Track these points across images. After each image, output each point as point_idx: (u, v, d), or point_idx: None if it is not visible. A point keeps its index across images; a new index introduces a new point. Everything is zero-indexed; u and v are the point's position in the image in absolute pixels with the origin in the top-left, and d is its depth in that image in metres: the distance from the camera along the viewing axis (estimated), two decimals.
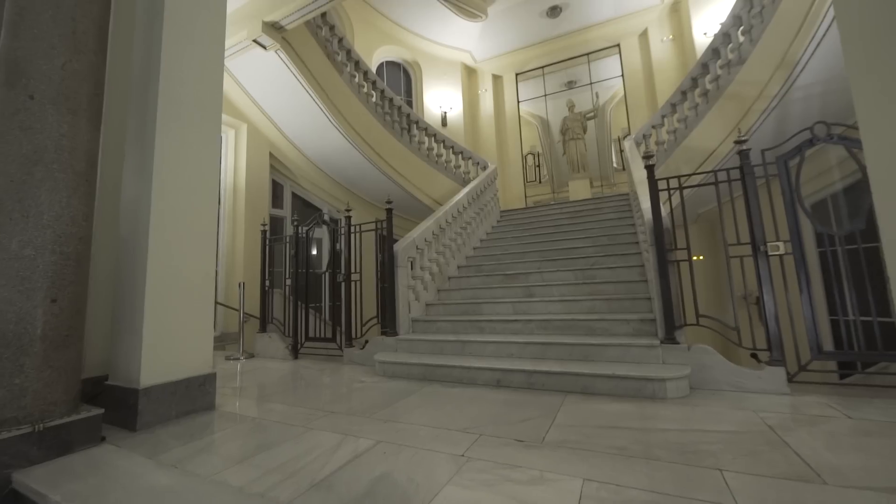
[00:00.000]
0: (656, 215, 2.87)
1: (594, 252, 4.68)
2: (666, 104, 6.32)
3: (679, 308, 2.83)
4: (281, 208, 7.40)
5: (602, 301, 3.56)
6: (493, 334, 3.53)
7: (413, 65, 9.59)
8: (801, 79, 4.65)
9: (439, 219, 4.84)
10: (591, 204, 6.55)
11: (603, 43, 9.22)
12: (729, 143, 5.46)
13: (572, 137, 9.05)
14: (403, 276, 3.98)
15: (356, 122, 6.42)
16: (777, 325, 2.51)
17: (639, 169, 4.66)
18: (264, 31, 5.04)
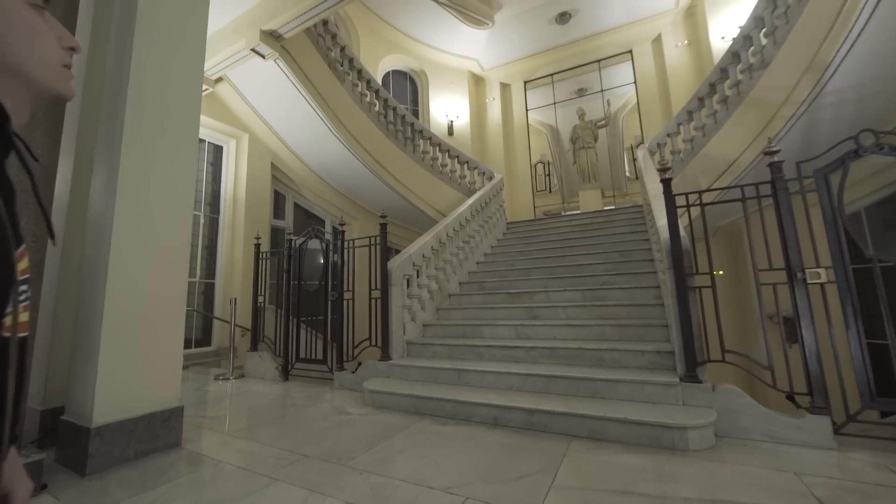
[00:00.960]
0: (674, 235, 2.54)
1: (605, 270, 4.33)
2: (682, 111, 5.96)
3: (701, 341, 2.48)
4: (283, 219, 7.23)
5: (613, 327, 3.21)
6: (493, 362, 3.21)
7: (419, 73, 9.41)
8: (833, 83, 4.26)
9: (439, 233, 4.55)
10: (602, 216, 6.19)
11: (614, 49, 8.89)
12: (752, 153, 5.08)
13: (583, 146, 8.71)
14: (398, 296, 3.69)
15: (358, 131, 6.22)
16: (819, 365, 2.14)
17: (653, 181, 4.31)
18: (262, 39, 4.88)
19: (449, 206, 6.95)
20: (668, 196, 2.59)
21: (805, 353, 2.17)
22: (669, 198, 2.59)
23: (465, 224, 5.30)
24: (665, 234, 2.67)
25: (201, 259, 5.89)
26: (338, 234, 3.95)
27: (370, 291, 3.74)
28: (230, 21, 5.17)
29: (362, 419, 2.77)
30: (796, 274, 2.24)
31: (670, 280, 2.57)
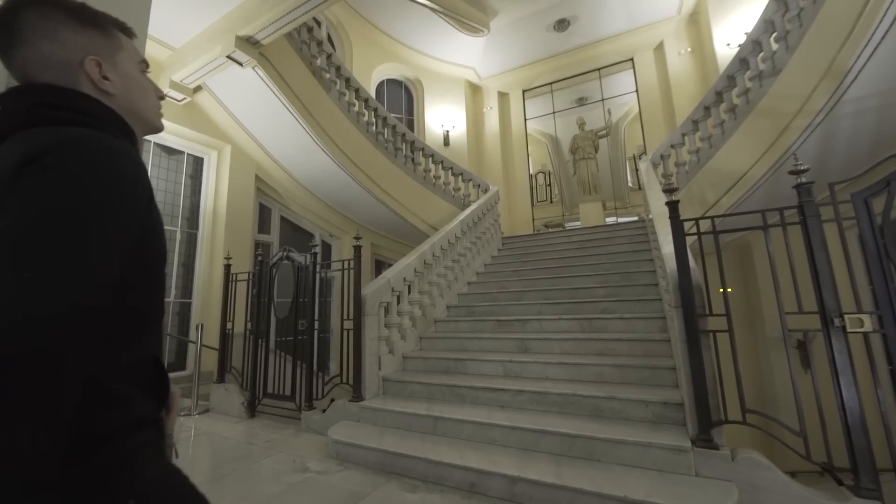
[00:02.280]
0: (683, 269, 2.14)
1: (604, 295, 3.92)
2: (686, 121, 5.58)
3: (717, 396, 2.07)
4: (268, 233, 6.88)
5: (613, 367, 2.80)
6: (476, 407, 2.80)
7: (415, 82, 9.11)
8: (853, 90, 3.88)
9: (424, 254, 4.17)
10: (603, 232, 5.79)
11: (615, 57, 8.56)
12: (763, 166, 4.68)
13: (583, 157, 8.34)
14: (373, 327, 3.30)
15: (344, 142, 5.89)
16: (866, 435, 1.73)
17: (657, 198, 3.92)
18: (238, 46, 4.57)
19: (442, 219, 6.58)
20: (676, 223, 2.20)
21: (847, 419, 1.76)
22: (677, 224, 2.20)
23: (454, 242, 4.92)
24: (672, 266, 2.27)
25: (177, 277, 5.54)
26: (310, 258, 3.58)
27: (342, 322, 3.36)
28: (206, 28, 4.87)
29: (320, 480, 2.37)
30: (833, 320, 1.83)
31: (679, 321, 2.17)
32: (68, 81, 0.62)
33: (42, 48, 0.60)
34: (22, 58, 0.61)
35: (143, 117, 0.71)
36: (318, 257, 3.59)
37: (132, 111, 0.68)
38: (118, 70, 0.67)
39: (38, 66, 0.61)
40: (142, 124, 0.72)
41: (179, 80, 5.25)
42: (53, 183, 0.49)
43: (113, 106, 0.65)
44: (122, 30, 0.71)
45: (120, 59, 0.68)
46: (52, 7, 0.62)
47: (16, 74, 0.63)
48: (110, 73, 0.66)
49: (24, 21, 0.60)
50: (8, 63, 0.62)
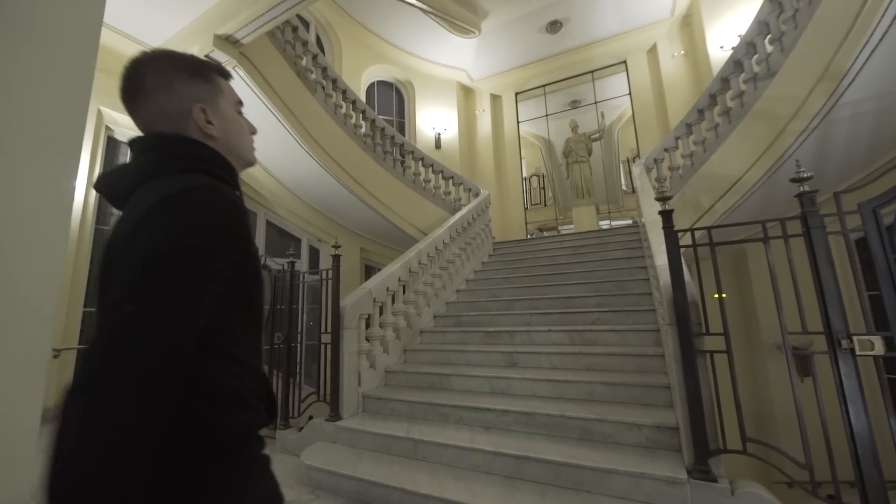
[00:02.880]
0: (677, 283, 1.98)
1: (596, 304, 3.76)
2: (680, 124, 5.46)
3: (715, 422, 1.90)
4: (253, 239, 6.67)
5: (604, 385, 2.63)
6: (458, 428, 2.62)
7: (406, 84, 8.95)
8: (850, 93, 3.75)
9: (409, 261, 4.00)
10: (596, 237, 5.64)
11: (608, 60, 8.45)
12: (758, 170, 4.55)
13: (576, 160, 8.21)
14: (352, 341, 3.12)
15: (331, 146, 5.70)
16: (878, 471, 1.57)
17: (650, 204, 3.77)
18: (216, 45, 4.38)
19: (432, 224, 6.40)
20: (669, 233, 2.04)
21: (857, 452, 1.60)
22: (671, 235, 2.04)
23: (442, 248, 4.75)
24: (666, 279, 2.11)
25: None
26: (287, 266, 3.39)
27: (319, 335, 3.17)
28: (183, 27, 4.68)
29: None
30: (840, 342, 1.68)
31: (673, 339, 2.00)
32: (180, 128, 0.70)
33: (160, 101, 0.68)
34: (144, 112, 0.69)
35: (240, 155, 0.78)
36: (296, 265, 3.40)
37: (231, 150, 0.75)
38: (219, 113, 0.74)
39: (157, 118, 0.69)
40: (239, 161, 0.79)
41: None
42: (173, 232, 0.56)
43: (216, 147, 0.72)
44: (221, 73, 0.78)
45: (220, 103, 0.75)
46: (167, 63, 0.70)
47: (140, 126, 0.71)
48: (213, 118, 0.73)
49: (146, 79, 0.68)
50: (133, 115, 0.71)
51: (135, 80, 0.69)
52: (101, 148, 4.86)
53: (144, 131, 0.71)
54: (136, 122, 0.72)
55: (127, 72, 0.70)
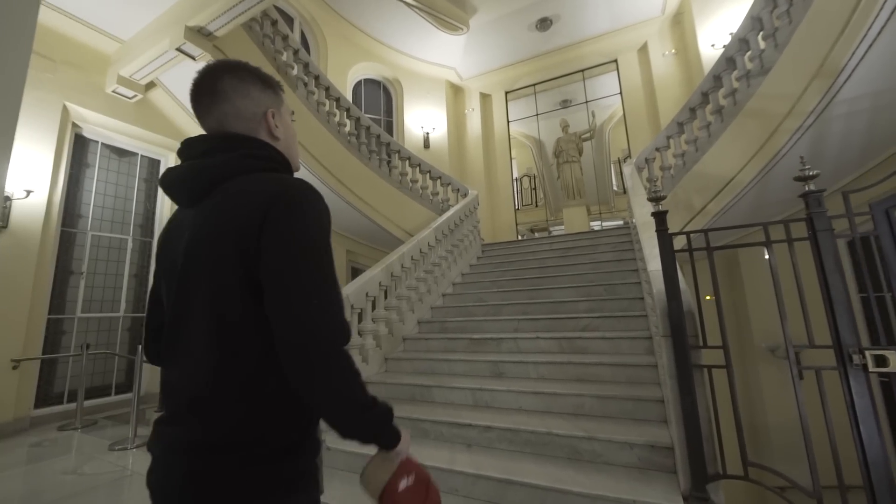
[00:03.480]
0: (672, 292, 1.81)
1: (587, 310, 3.60)
2: (672, 123, 5.32)
3: (713, 443, 1.73)
4: None
5: (594, 398, 2.46)
6: (438, 445, 2.43)
7: (394, 82, 8.74)
8: (846, 91, 3.63)
9: (391, 265, 3.80)
10: (586, 239, 5.49)
11: (599, 58, 8.32)
12: (752, 170, 4.43)
13: (567, 160, 8.07)
14: None
15: (313, 145, 5.48)
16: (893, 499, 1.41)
17: (641, 204, 3.62)
18: (188, 37, 4.14)
19: (419, 225, 6.21)
20: (663, 237, 1.86)
21: (871, 479, 1.44)
22: (665, 239, 1.87)
23: (427, 251, 4.55)
24: (659, 286, 1.94)
25: (127, 290, 5.06)
26: None
27: None
28: (154, 19, 4.43)
29: None
30: (851, 357, 1.51)
31: (668, 353, 1.83)
32: (252, 130, 0.78)
33: (238, 104, 0.77)
34: (220, 112, 0.76)
35: (292, 158, 0.85)
36: None
37: (287, 153, 0.83)
38: (282, 120, 0.83)
39: (233, 118, 0.77)
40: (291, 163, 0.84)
41: (129, 76, 4.80)
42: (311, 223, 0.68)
43: (278, 148, 0.81)
44: (280, 88, 0.86)
45: (282, 111, 0.84)
46: (245, 71, 0.80)
47: (209, 124, 0.78)
48: (278, 122, 0.82)
49: (226, 83, 0.77)
50: (205, 115, 0.78)
51: (214, 82, 0.76)
52: (67, 145, 4.59)
53: (213, 130, 0.77)
54: (206, 120, 0.78)
55: (206, 75, 0.77)
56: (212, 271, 0.67)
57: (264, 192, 0.68)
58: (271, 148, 0.78)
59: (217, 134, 0.76)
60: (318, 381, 0.64)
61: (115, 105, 4.95)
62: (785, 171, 4.51)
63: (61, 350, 4.41)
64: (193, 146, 0.76)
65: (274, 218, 0.65)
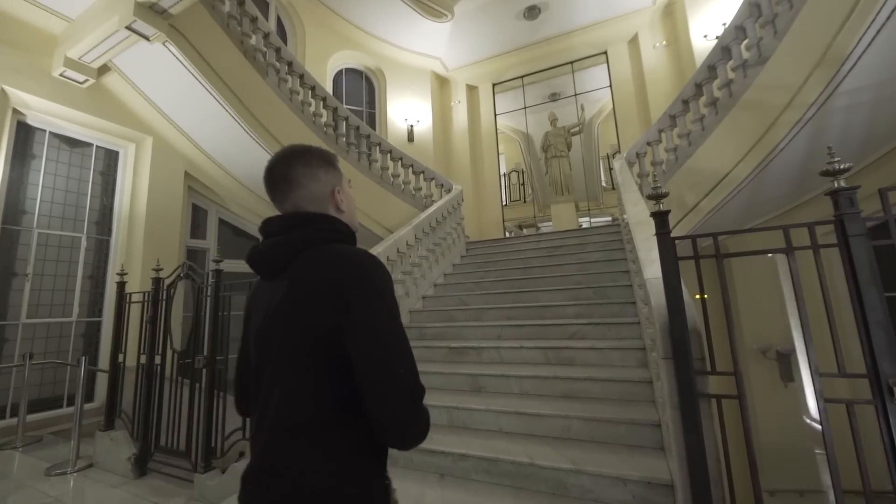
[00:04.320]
0: (675, 307, 1.52)
1: (575, 314, 3.32)
2: (664, 116, 5.06)
3: (721, 485, 1.46)
4: (203, 238, 6.01)
5: (582, 420, 2.17)
6: (406, 474, 2.12)
7: (376, 73, 8.34)
8: (849, 81, 3.39)
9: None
10: (574, 237, 5.21)
11: (588, 50, 8.02)
12: (747, 165, 4.19)
13: (555, 155, 7.79)
14: None
15: (286, 136, 5.08)
16: None
17: (634, 202, 3.34)
18: (138, 14, 3.71)
19: (400, 222, 5.86)
20: (665, 241, 1.57)
21: None
22: (667, 244, 1.57)
23: (405, 251, 4.23)
24: (659, 300, 1.65)
25: (81, 293, 4.63)
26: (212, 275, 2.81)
27: (193, 357, 2.61)
28: None
29: None
30: (892, 388, 1.24)
31: (669, 379, 1.55)
32: (323, 208, 0.88)
33: (310, 188, 0.87)
34: (296, 197, 0.86)
35: (352, 223, 0.95)
36: (221, 274, 2.82)
37: (350, 221, 0.94)
38: (344, 194, 0.93)
39: (307, 201, 0.86)
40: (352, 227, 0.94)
41: (78, 58, 4.34)
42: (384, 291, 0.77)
43: (343, 219, 0.91)
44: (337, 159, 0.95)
45: (344, 185, 0.94)
46: (311, 156, 0.89)
47: (286, 207, 0.87)
48: (342, 198, 0.92)
49: (299, 172, 0.86)
50: (283, 200, 0.87)
51: (287, 171, 0.86)
52: (7, 132, 4.13)
53: (290, 211, 0.87)
54: (283, 204, 0.87)
55: (279, 164, 0.87)
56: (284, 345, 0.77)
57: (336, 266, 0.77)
58: (338, 221, 0.87)
59: (292, 214, 0.85)
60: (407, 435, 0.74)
61: (65, 90, 4.48)
62: (782, 167, 4.29)
63: (3, 360, 3.99)
64: (272, 224, 0.86)
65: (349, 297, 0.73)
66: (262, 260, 0.83)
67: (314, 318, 0.73)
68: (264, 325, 0.80)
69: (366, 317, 0.72)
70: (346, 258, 0.78)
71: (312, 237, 0.82)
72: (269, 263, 0.82)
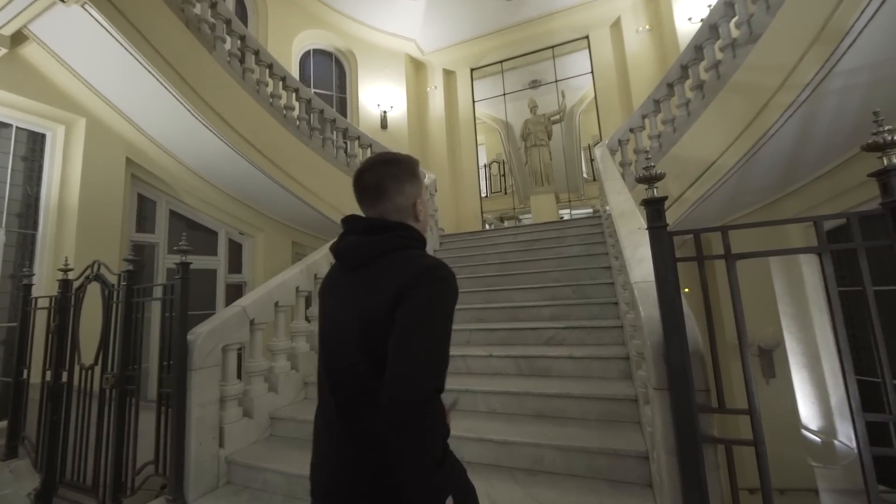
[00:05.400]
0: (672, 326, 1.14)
1: (551, 316, 2.96)
2: (647, 101, 4.73)
3: None
4: (152, 232, 5.42)
5: (557, 450, 1.81)
6: None
7: (347, 54, 7.76)
8: (847, 60, 3.09)
9: (316, 264, 3.02)
10: (553, 229, 4.86)
11: (570, 34, 7.63)
12: (736, 153, 3.89)
13: (535, 144, 7.41)
14: (207, 387, 2.13)
15: (238, 119, 4.55)
16: None
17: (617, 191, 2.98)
18: None
19: None
20: (659, 236, 1.19)
21: None
22: (662, 240, 1.19)
23: None
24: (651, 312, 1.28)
25: (0, 294, 4.04)
26: (123, 278, 2.33)
27: (160, 379, 2.16)
28: None
29: None
30: None
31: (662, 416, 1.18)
32: (405, 217, 0.96)
33: (396, 201, 0.94)
34: (382, 207, 0.94)
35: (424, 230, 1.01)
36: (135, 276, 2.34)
37: (423, 230, 1.01)
38: (423, 205, 1.00)
39: (392, 211, 0.94)
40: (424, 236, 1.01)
41: None
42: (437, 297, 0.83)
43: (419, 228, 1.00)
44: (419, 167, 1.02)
45: (423, 196, 1.01)
46: (399, 168, 0.96)
47: (371, 213, 0.95)
48: (421, 208, 1.00)
49: (388, 185, 0.94)
50: (369, 206, 0.96)
51: (377, 182, 0.94)
52: None
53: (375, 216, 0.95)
54: (369, 210, 0.96)
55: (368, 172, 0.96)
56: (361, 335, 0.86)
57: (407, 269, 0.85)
58: (414, 231, 0.96)
59: (377, 219, 0.94)
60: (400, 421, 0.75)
61: None
62: (771, 154, 4.00)
63: None
64: (356, 223, 0.95)
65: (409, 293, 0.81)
66: (349, 255, 0.93)
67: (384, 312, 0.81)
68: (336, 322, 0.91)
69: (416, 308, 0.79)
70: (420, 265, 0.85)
71: (392, 244, 0.90)
72: (354, 258, 0.92)
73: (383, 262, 0.88)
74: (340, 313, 0.90)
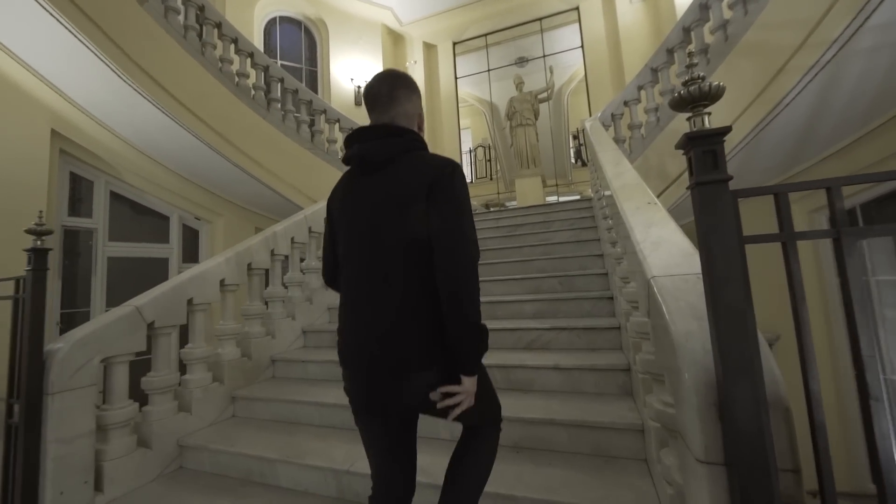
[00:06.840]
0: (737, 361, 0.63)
1: (534, 313, 2.46)
2: (644, 70, 4.20)
3: None
4: (89, 216, 4.73)
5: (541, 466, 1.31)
6: None
7: (317, 23, 7.02)
8: (881, 13, 2.61)
9: (248, 251, 2.45)
10: (539, 213, 4.34)
11: (559, 5, 7.02)
12: (745, 125, 3.40)
13: (521, 123, 6.83)
14: (71, 416, 1.57)
15: (178, 86, 3.88)
16: None
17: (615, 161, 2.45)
18: None
19: None
20: (720, 200, 0.67)
21: None
22: (723, 206, 0.67)
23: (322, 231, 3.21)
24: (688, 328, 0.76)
25: None
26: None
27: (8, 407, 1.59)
28: None
29: None
30: None
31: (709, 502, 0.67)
32: (412, 124, 1.09)
33: (406, 107, 1.07)
34: (394, 112, 1.06)
35: None
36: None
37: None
38: (422, 116, 1.14)
39: (402, 117, 1.07)
40: None
41: None
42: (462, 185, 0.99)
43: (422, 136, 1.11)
44: None
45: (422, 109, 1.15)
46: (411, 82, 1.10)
47: (384, 119, 1.06)
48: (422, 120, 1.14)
49: (401, 93, 1.07)
50: (382, 112, 1.07)
51: (391, 91, 1.06)
52: None
53: (386, 122, 1.05)
54: (381, 116, 1.06)
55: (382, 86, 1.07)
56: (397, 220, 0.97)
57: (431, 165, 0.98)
58: (421, 138, 1.07)
59: (389, 125, 1.04)
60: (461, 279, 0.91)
61: None
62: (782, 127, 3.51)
63: None
64: (370, 132, 1.04)
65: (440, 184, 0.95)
66: (375, 153, 1.01)
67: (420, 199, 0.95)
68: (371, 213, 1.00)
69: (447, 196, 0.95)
70: (437, 162, 0.99)
71: (409, 145, 1.02)
72: (380, 156, 1.01)
73: (406, 159, 1.00)
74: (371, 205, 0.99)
